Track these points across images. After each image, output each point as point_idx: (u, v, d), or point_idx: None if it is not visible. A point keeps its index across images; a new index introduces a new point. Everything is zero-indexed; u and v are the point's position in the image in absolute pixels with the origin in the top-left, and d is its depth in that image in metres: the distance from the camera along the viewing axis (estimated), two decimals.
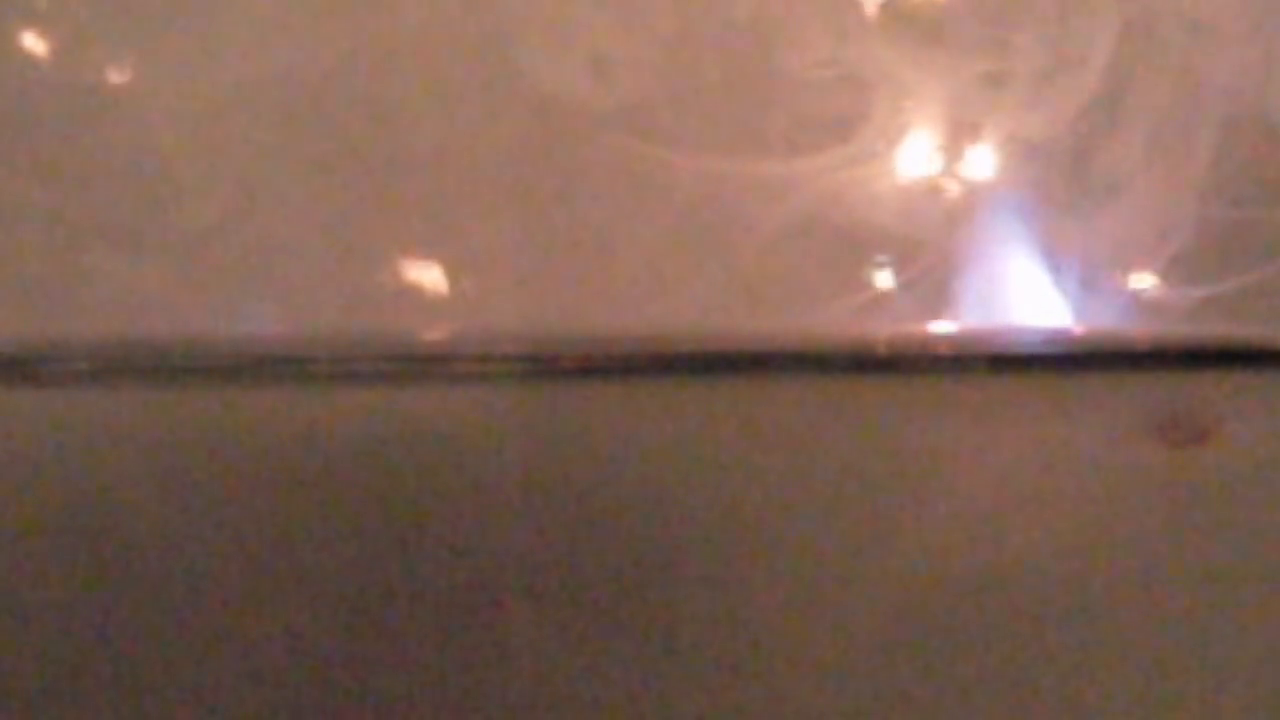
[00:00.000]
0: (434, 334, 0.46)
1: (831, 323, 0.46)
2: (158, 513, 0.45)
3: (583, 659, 0.45)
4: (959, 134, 0.47)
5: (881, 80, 0.46)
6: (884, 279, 0.46)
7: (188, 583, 0.45)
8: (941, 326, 0.46)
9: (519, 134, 0.46)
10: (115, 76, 0.46)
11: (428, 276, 0.46)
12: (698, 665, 0.46)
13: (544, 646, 0.45)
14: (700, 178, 0.46)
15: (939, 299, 0.46)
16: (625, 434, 0.45)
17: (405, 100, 0.46)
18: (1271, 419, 0.47)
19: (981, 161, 0.47)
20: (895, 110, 0.46)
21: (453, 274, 0.46)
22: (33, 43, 0.47)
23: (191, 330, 0.46)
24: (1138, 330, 0.47)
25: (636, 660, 0.46)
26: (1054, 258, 0.47)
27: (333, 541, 0.45)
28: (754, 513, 0.46)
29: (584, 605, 0.45)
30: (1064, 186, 0.47)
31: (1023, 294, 0.47)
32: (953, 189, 0.47)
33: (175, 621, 0.45)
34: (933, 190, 0.47)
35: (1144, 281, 0.47)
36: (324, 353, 0.45)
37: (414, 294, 0.46)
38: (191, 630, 0.45)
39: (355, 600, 0.45)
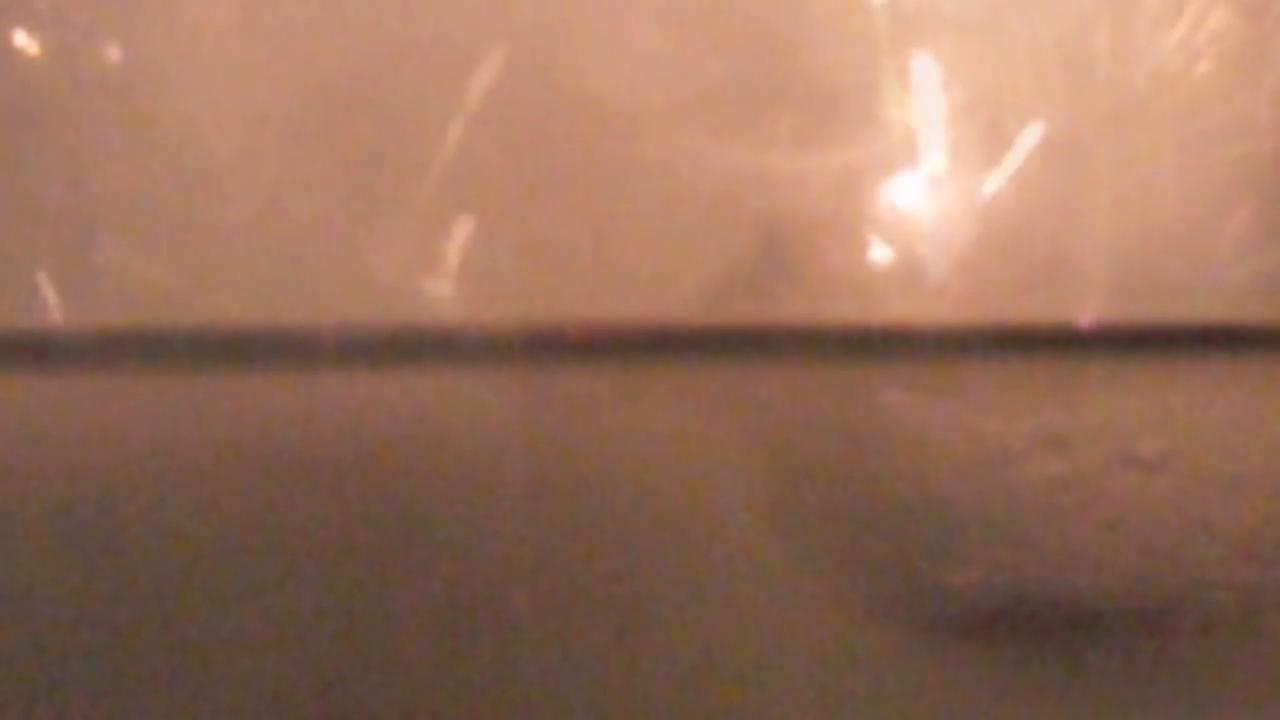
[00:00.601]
0: (439, 317, 0.46)
1: (834, 312, 0.47)
2: (165, 497, 0.45)
3: (584, 641, 0.45)
4: (964, 134, 0.47)
5: (889, 81, 0.47)
6: (887, 274, 0.47)
7: (193, 567, 0.45)
8: (944, 319, 0.47)
9: (526, 127, 0.47)
10: (123, 70, 0.47)
11: (432, 262, 0.46)
12: (690, 641, 0.46)
13: (546, 628, 0.45)
14: (705, 172, 0.47)
15: (942, 294, 0.47)
16: (627, 415, 0.46)
17: (410, 96, 0.47)
18: (1274, 408, 0.47)
19: (985, 161, 0.47)
20: (903, 110, 0.47)
21: (457, 260, 0.46)
22: (34, 36, 0.47)
23: (196, 317, 0.46)
24: (1140, 322, 0.47)
25: (632, 640, 0.46)
26: (1057, 254, 0.47)
27: (337, 521, 0.45)
28: (754, 493, 0.46)
29: (585, 587, 0.45)
30: (1068, 184, 0.47)
31: (1027, 289, 0.47)
32: (958, 187, 0.47)
33: (180, 606, 0.45)
34: (939, 187, 0.47)
35: (1148, 275, 0.47)
36: (331, 336, 0.45)
37: (420, 280, 0.46)
38: (195, 615, 0.45)
39: (361, 580, 0.45)
